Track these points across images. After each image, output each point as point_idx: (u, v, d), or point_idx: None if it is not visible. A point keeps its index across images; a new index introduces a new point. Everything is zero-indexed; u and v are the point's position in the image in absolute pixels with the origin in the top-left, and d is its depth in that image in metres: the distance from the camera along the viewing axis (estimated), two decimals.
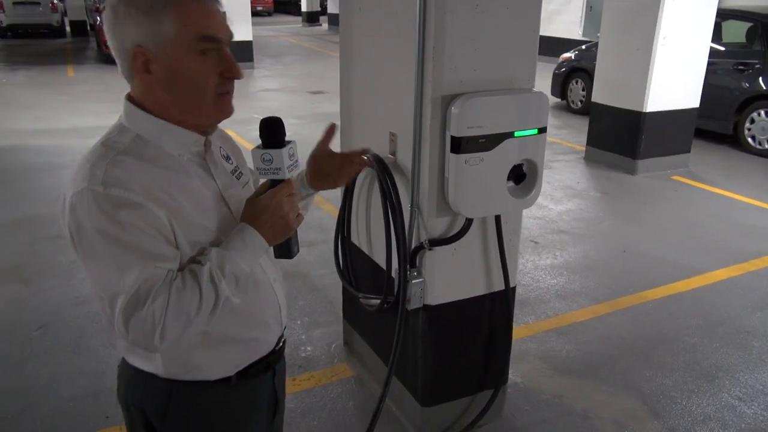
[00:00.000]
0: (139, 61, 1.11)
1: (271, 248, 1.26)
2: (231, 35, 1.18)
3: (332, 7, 24.84)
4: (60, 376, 2.96)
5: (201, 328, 1.15)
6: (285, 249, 1.26)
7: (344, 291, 3.11)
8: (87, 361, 3.08)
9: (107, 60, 13.59)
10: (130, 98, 1.19)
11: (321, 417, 2.71)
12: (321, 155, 1.48)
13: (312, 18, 26.03)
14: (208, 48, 1.12)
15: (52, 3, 18.21)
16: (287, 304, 1.44)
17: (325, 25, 25.58)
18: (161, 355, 1.24)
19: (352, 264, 2.78)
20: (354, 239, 2.78)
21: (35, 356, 3.12)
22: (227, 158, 1.32)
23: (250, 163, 1.32)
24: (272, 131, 1.18)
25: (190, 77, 1.12)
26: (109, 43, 1.13)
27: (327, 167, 1.48)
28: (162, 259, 1.10)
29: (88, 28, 18.45)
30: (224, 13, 1.18)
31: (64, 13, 19.26)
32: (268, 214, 1.17)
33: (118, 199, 1.06)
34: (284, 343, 1.45)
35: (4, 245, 4.41)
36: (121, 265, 1.07)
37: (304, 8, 26.12)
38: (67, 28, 18.86)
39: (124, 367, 1.33)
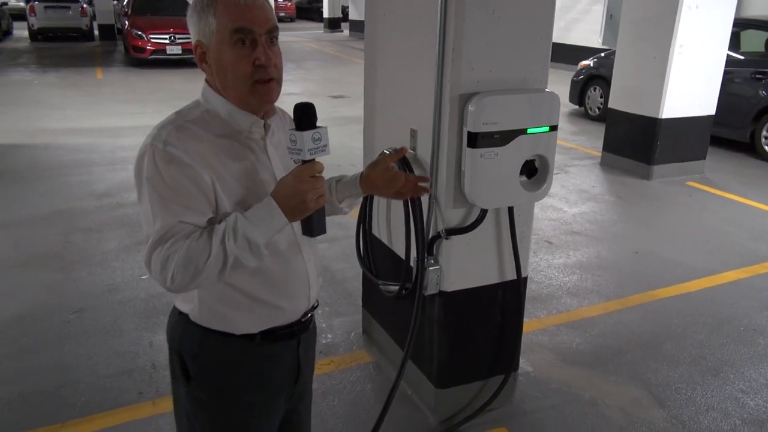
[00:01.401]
0: (198, 53, 1.34)
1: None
2: (270, 26, 1.32)
3: (354, 14, 25.15)
4: (96, 356, 3.16)
5: (214, 280, 1.27)
6: (307, 227, 1.35)
7: (364, 282, 3.28)
8: (121, 343, 3.28)
9: (134, 63, 13.99)
10: (207, 80, 1.40)
11: (341, 398, 2.87)
12: (379, 166, 1.61)
13: (333, 24, 26.36)
14: (242, 39, 1.29)
15: (82, 7, 18.73)
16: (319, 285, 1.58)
17: (346, 32, 25.88)
18: (198, 301, 1.41)
19: (373, 254, 2.94)
20: (375, 231, 2.95)
21: (72, 337, 3.32)
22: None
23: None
24: (300, 115, 1.30)
25: (227, 66, 1.31)
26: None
27: (378, 178, 1.61)
28: (192, 214, 1.27)
29: (116, 32, 18.88)
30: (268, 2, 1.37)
31: (93, 17, 19.76)
32: (286, 189, 1.28)
33: (171, 156, 1.25)
34: (312, 317, 1.59)
35: (41, 236, 4.64)
36: (156, 212, 1.26)
37: (325, 15, 26.47)
38: (96, 32, 19.33)
39: (173, 313, 1.52)
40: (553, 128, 2.28)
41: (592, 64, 9.21)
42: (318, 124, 1.31)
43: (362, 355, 3.20)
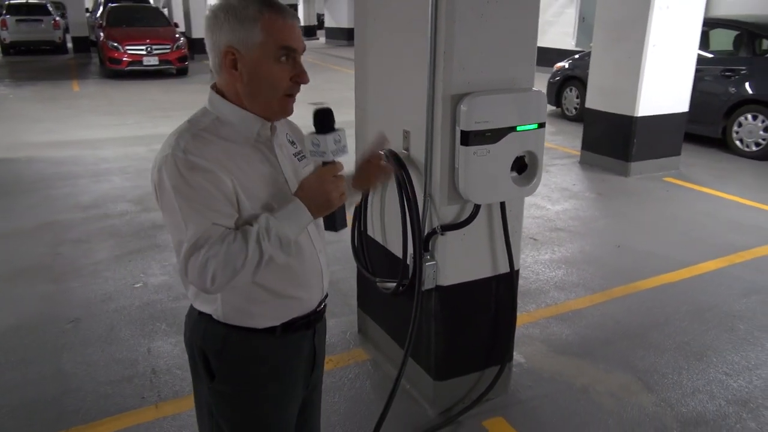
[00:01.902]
0: (228, 59, 1.36)
1: (322, 222, 1.50)
2: (305, 47, 1.43)
3: (329, 22, 25.26)
4: (95, 364, 3.18)
5: (248, 278, 1.36)
6: (330, 222, 1.49)
7: (359, 282, 3.36)
8: (119, 350, 3.30)
9: (110, 75, 13.91)
10: (214, 88, 1.45)
11: (341, 394, 2.93)
12: (365, 163, 1.69)
13: (309, 32, 26.46)
14: (285, 56, 1.38)
15: (55, 20, 18.57)
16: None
17: (322, 39, 25.97)
18: (221, 301, 1.47)
19: (369, 254, 3.02)
20: (370, 232, 3.03)
21: (70, 347, 3.34)
22: (293, 143, 1.57)
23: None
24: (320, 119, 1.41)
25: (267, 78, 1.38)
26: (207, 40, 1.40)
27: (368, 172, 1.69)
28: (221, 217, 1.33)
29: (90, 44, 18.74)
30: (300, 26, 1.44)
31: (66, 30, 19.58)
32: (312, 189, 1.40)
33: (193, 164, 1.31)
34: (325, 306, 1.67)
35: (30, 248, 4.64)
36: (186, 218, 1.31)
37: (301, 23, 26.48)
38: (69, 45, 19.16)
39: (191, 313, 1.57)
40: (541, 125, 2.39)
41: (567, 66, 9.42)
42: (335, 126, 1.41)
43: (359, 353, 3.27)
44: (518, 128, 2.33)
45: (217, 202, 1.33)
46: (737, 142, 7.30)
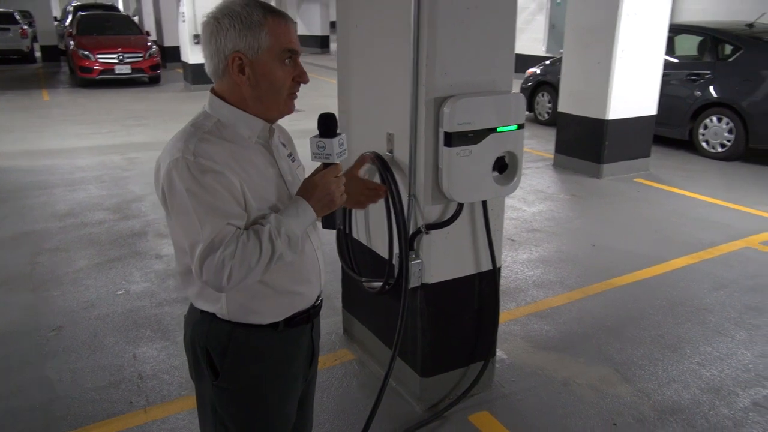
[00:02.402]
0: (235, 64, 1.41)
1: (319, 221, 1.56)
2: (301, 49, 1.49)
3: (302, 30, 25.26)
4: (80, 370, 3.18)
5: (259, 276, 1.42)
6: (330, 221, 1.56)
7: (343, 284, 3.41)
8: (104, 357, 3.30)
9: (81, 84, 13.75)
10: (214, 91, 1.49)
11: (329, 394, 2.98)
12: (349, 177, 1.74)
13: None
14: (289, 57, 1.44)
15: (22, 28, 18.27)
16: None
17: None
18: (226, 300, 1.51)
19: (354, 255, 3.08)
20: (354, 234, 3.09)
21: (54, 354, 3.33)
22: (284, 144, 1.63)
23: (304, 150, 1.63)
24: (326, 124, 1.48)
25: (274, 80, 1.44)
26: (206, 46, 1.43)
27: (350, 188, 1.71)
28: (233, 218, 1.38)
29: (60, 53, 18.47)
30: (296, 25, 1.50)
31: (35, 39, 19.28)
32: (317, 190, 1.48)
33: (204, 167, 1.35)
34: (322, 301, 1.73)
35: (7, 258, 4.59)
36: (201, 219, 1.35)
37: None
38: (38, 53, 18.86)
39: (192, 313, 1.61)
40: (521, 126, 2.48)
41: (539, 72, 9.61)
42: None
43: (345, 354, 3.32)
44: (499, 129, 2.42)
45: (230, 204, 1.37)
46: (703, 144, 7.54)
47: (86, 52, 13.48)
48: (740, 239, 4.89)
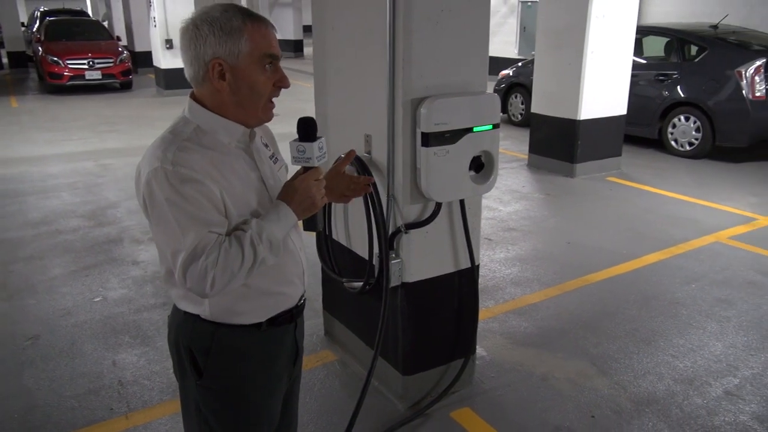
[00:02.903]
0: (216, 70, 1.41)
1: (301, 223, 1.58)
2: (281, 54, 1.51)
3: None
4: (59, 378, 3.14)
5: (242, 281, 1.43)
6: (311, 223, 1.58)
7: (324, 285, 3.43)
8: (83, 364, 3.27)
9: (51, 90, 13.53)
10: (193, 97, 1.49)
11: (312, 395, 2.99)
12: (334, 173, 1.78)
13: None
14: (270, 63, 1.45)
15: None
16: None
17: None
18: (209, 302, 1.52)
19: (334, 256, 3.10)
20: (334, 236, 3.11)
21: (31, 363, 3.28)
22: (266, 145, 1.64)
23: (285, 152, 1.64)
24: (306, 128, 1.50)
25: (254, 85, 1.44)
26: (185, 52, 1.43)
27: (336, 184, 1.77)
28: (214, 225, 1.39)
29: (28, 59, 18.14)
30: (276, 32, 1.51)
31: (1, 45, 18.91)
32: (298, 193, 1.49)
33: (183, 176, 1.35)
34: (305, 301, 1.75)
35: None
36: (183, 228, 1.35)
37: None
38: (4, 60, 18.49)
39: (175, 314, 1.62)
40: (496, 126, 2.53)
41: (511, 74, 9.73)
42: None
43: (327, 355, 3.34)
44: (475, 129, 2.47)
45: (210, 212, 1.38)
46: (672, 143, 7.72)
47: (55, 58, 13.28)
48: (709, 234, 5.03)
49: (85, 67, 13.37)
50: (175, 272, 1.39)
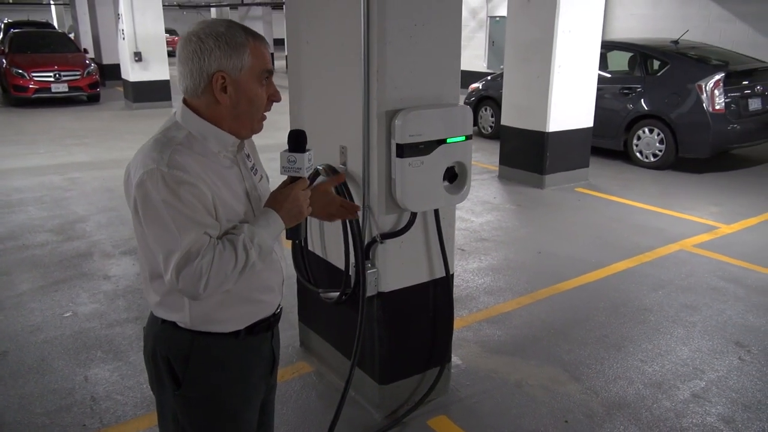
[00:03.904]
0: (218, 83, 1.44)
1: (283, 232, 1.59)
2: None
3: None
4: (29, 396, 3.08)
5: (232, 284, 1.46)
6: (295, 232, 1.61)
7: (299, 297, 3.43)
8: (54, 380, 3.21)
9: (15, 103, 13.28)
10: (186, 103, 1.51)
11: (289, 406, 2.99)
12: (318, 191, 1.79)
13: None
14: (267, 78, 1.50)
15: None
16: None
17: None
18: (189, 309, 1.53)
19: (310, 267, 3.12)
20: (311, 247, 3.12)
21: (0, 380, 3.22)
22: (248, 156, 1.66)
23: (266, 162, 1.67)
24: (297, 139, 1.55)
25: (253, 98, 1.49)
26: (185, 64, 1.45)
27: (318, 201, 1.77)
28: (209, 228, 1.42)
29: None
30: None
31: None
32: (287, 201, 1.53)
33: (179, 178, 1.38)
34: (281, 309, 1.77)
35: None
36: (179, 229, 1.38)
37: None
38: None
39: (152, 324, 1.62)
40: (468, 137, 2.59)
41: (481, 87, 9.89)
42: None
43: (303, 366, 3.34)
44: (448, 140, 2.52)
45: (204, 215, 1.41)
46: (637, 154, 7.92)
47: (20, 71, 13.03)
48: (674, 242, 5.17)
49: (51, 79, 13.16)
50: (166, 274, 1.40)
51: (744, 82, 7.58)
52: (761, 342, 3.57)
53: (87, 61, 14.06)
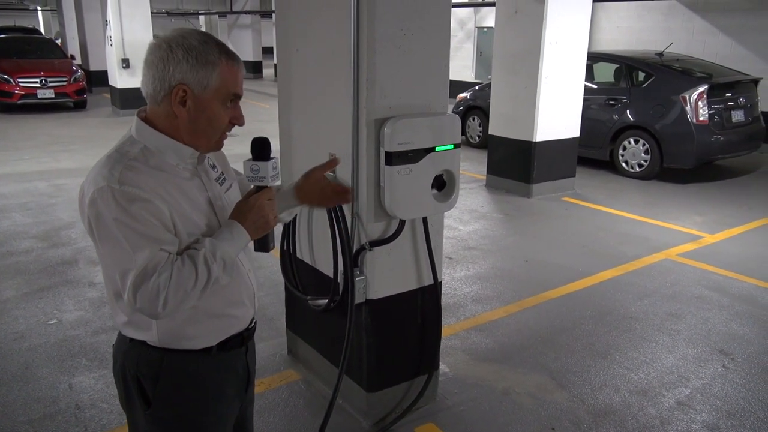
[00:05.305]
0: (177, 95, 1.40)
1: (250, 244, 1.56)
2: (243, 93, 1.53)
3: None
4: (12, 404, 3.04)
5: (194, 301, 1.40)
6: (263, 243, 1.56)
7: (287, 304, 3.43)
8: (38, 388, 3.17)
9: (1, 109, 13.15)
10: (141, 117, 1.47)
11: (275, 414, 2.98)
12: (312, 178, 1.74)
13: None
14: (232, 100, 1.47)
15: None
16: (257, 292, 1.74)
17: None
18: (157, 326, 1.49)
19: (299, 275, 3.11)
20: (299, 254, 3.12)
21: None
22: (213, 167, 1.60)
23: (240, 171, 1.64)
24: (260, 147, 1.50)
25: (212, 118, 1.45)
26: (149, 68, 1.41)
27: (313, 188, 1.76)
28: (165, 243, 1.36)
29: None
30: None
31: None
32: (252, 213, 1.48)
33: (131, 195, 1.33)
34: (255, 324, 1.73)
35: None
36: (133, 247, 1.33)
37: None
38: None
39: (121, 342, 1.57)
40: (457, 146, 2.61)
41: (469, 97, 9.95)
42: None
43: (290, 374, 3.33)
44: (437, 149, 2.54)
45: (160, 230, 1.36)
46: (623, 164, 8.01)
47: (5, 76, 12.93)
48: (659, 252, 5.23)
49: (38, 85, 13.07)
50: (123, 293, 1.36)
51: (727, 94, 7.71)
52: (745, 350, 3.62)
53: (74, 68, 13.99)
